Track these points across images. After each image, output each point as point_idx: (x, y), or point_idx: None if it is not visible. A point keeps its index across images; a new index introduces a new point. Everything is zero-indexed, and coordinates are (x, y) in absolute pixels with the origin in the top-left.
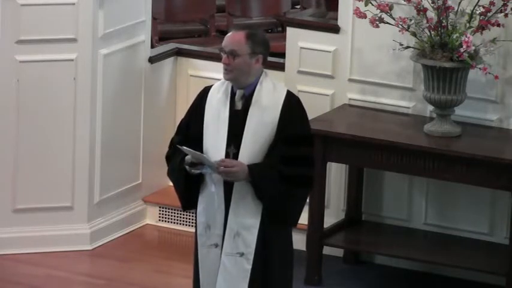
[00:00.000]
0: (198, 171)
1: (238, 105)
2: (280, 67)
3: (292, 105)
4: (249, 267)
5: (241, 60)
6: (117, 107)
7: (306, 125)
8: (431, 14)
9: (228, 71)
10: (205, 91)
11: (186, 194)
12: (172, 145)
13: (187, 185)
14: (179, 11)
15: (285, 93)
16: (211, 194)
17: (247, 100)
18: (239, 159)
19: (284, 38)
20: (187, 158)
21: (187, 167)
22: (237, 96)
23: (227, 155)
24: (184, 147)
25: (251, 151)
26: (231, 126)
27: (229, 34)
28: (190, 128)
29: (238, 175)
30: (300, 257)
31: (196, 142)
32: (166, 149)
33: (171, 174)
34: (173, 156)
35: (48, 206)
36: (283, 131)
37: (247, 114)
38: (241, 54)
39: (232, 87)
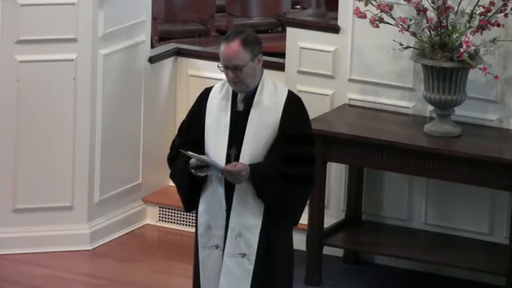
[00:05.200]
0: (204, 174)
1: (240, 106)
2: (280, 67)
3: (293, 105)
4: (251, 267)
5: (247, 69)
6: (117, 107)
7: (307, 124)
8: (431, 14)
9: (238, 84)
10: (206, 92)
11: (190, 196)
12: (174, 147)
13: (192, 187)
14: (179, 11)
15: (286, 93)
16: (214, 195)
17: (249, 101)
18: (240, 160)
19: (284, 38)
20: (192, 161)
21: (193, 170)
22: (238, 98)
23: (228, 157)
24: (189, 152)
25: (252, 152)
26: (232, 127)
27: (224, 48)
28: (192, 130)
29: (244, 178)
30: (300, 257)
31: (198, 144)
32: (166, 149)
33: (174, 177)
34: (176, 159)
35: (48, 206)
36: (284, 131)
37: (248, 115)
38: (245, 64)
39: None
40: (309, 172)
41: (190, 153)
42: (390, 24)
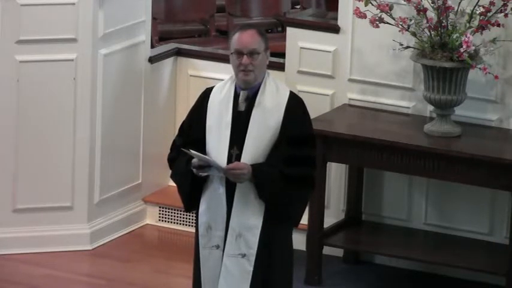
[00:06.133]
0: (205, 174)
1: (242, 106)
2: (280, 67)
3: (295, 106)
4: (251, 268)
5: (261, 58)
6: (117, 107)
7: (309, 125)
8: (431, 14)
9: (250, 72)
10: (207, 92)
11: (191, 196)
12: (175, 147)
13: (193, 186)
14: (179, 11)
15: (288, 94)
16: (215, 195)
17: (251, 101)
18: (242, 160)
19: (284, 38)
20: (194, 161)
21: (194, 170)
22: (240, 98)
23: (230, 157)
24: (192, 151)
25: (254, 153)
26: (234, 127)
27: (241, 35)
28: (193, 130)
29: (246, 177)
30: (300, 257)
31: (199, 144)
32: (166, 149)
33: (175, 176)
34: (177, 159)
35: (48, 206)
36: (286, 132)
37: (250, 115)
38: (260, 51)
39: (235, 89)
40: (310, 174)
41: (192, 152)
42: (390, 24)
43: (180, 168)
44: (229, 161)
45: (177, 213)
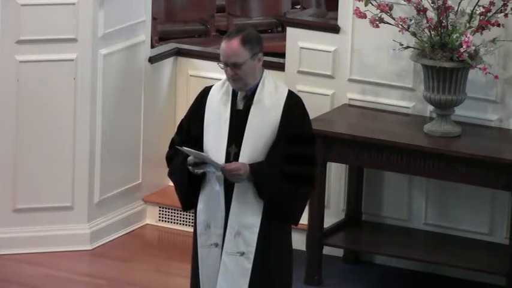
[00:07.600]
0: (201, 171)
1: (240, 104)
2: (280, 67)
3: (293, 105)
4: (250, 266)
5: (246, 67)
6: (117, 107)
7: (308, 124)
8: (431, 14)
9: (237, 81)
10: (206, 91)
11: (188, 195)
12: (173, 145)
13: (190, 185)
14: (179, 11)
15: (286, 92)
16: (213, 193)
17: (249, 100)
18: (240, 158)
19: (284, 38)
20: (190, 158)
21: (190, 167)
22: (238, 96)
23: (228, 154)
24: (185, 148)
25: (252, 151)
26: (232, 125)
27: (224, 45)
28: (191, 128)
29: (243, 177)
30: (300, 257)
31: (197, 142)
32: (166, 149)
33: (172, 175)
34: (174, 157)
35: (48, 206)
36: (284, 131)
37: (248, 113)
38: (244, 62)
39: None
40: (310, 172)
41: (186, 149)
42: (390, 24)
43: (177, 166)
44: (227, 159)
45: (177, 213)
